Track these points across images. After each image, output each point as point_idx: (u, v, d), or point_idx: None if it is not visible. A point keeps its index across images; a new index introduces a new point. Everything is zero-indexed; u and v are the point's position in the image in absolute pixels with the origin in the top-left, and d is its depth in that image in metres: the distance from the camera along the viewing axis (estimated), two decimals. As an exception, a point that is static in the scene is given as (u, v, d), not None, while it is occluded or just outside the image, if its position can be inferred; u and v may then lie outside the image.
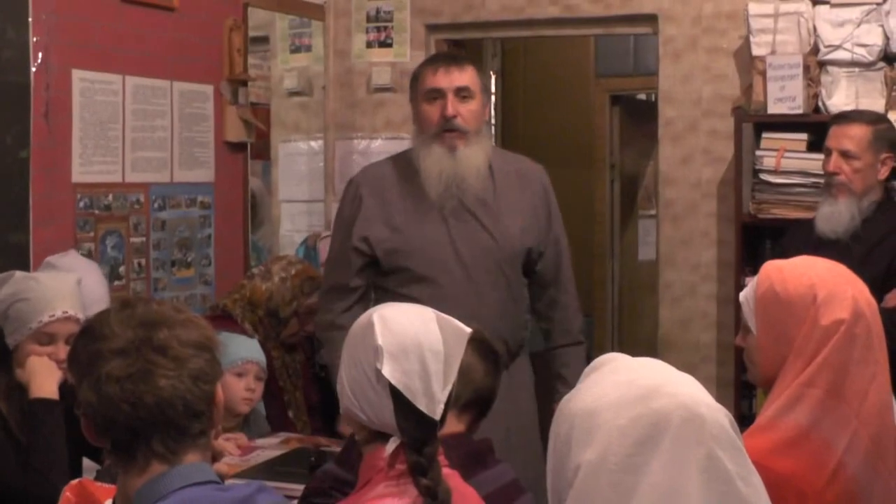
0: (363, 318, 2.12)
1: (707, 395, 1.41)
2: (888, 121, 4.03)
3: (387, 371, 1.99)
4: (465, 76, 3.47)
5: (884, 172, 3.89)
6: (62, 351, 3.01)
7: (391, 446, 2.02)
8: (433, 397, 2.01)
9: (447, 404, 2.04)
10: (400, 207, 3.49)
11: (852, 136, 3.86)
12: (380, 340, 2.02)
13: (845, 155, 3.85)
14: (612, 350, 1.56)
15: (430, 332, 2.05)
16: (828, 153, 3.89)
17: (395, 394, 2.00)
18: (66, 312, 3.06)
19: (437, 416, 2.02)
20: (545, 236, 3.59)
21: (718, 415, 1.38)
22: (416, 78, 3.53)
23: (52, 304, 3.06)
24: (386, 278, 3.50)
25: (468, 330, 2.11)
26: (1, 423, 3.02)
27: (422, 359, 2.01)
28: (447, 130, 3.43)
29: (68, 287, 3.16)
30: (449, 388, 2.04)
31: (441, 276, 3.42)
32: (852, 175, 3.84)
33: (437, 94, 3.43)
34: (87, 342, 1.77)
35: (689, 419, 1.35)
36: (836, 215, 3.83)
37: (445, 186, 3.44)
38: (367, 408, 2.04)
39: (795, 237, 4.00)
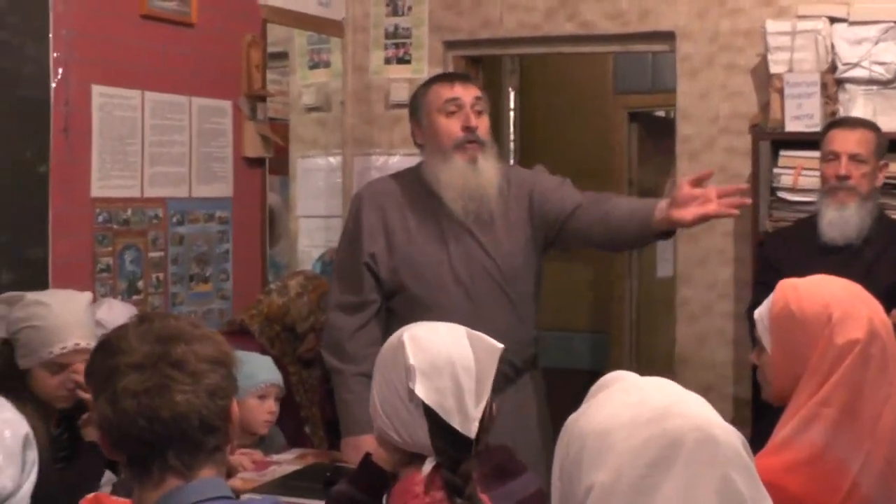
0: (393, 338, 2.11)
1: (718, 415, 1.41)
2: (879, 128, 4.02)
3: (420, 390, 1.98)
4: (476, 90, 3.47)
5: (880, 179, 3.89)
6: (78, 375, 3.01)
7: (427, 467, 2.01)
8: (467, 415, 2.00)
9: (482, 422, 2.03)
10: (399, 226, 3.44)
11: (860, 140, 3.84)
12: (412, 360, 2.01)
13: (855, 158, 3.82)
14: (630, 367, 1.55)
15: (462, 348, 2.04)
16: (833, 157, 3.85)
17: (429, 413, 1.99)
18: (79, 344, 3.04)
19: (473, 435, 2.01)
20: (555, 205, 3.45)
21: (732, 437, 1.38)
22: (424, 94, 3.47)
23: (62, 334, 3.04)
24: (389, 300, 3.45)
25: (499, 346, 2.09)
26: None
27: (454, 376, 2.00)
28: (469, 142, 3.39)
29: (78, 314, 3.12)
30: (483, 405, 2.03)
31: (440, 297, 3.36)
32: (860, 179, 3.82)
33: (456, 107, 3.39)
34: (104, 357, 1.78)
35: (704, 441, 1.34)
36: (845, 219, 3.79)
37: (469, 199, 3.39)
38: (401, 428, 2.03)
39: (786, 248, 3.95)
